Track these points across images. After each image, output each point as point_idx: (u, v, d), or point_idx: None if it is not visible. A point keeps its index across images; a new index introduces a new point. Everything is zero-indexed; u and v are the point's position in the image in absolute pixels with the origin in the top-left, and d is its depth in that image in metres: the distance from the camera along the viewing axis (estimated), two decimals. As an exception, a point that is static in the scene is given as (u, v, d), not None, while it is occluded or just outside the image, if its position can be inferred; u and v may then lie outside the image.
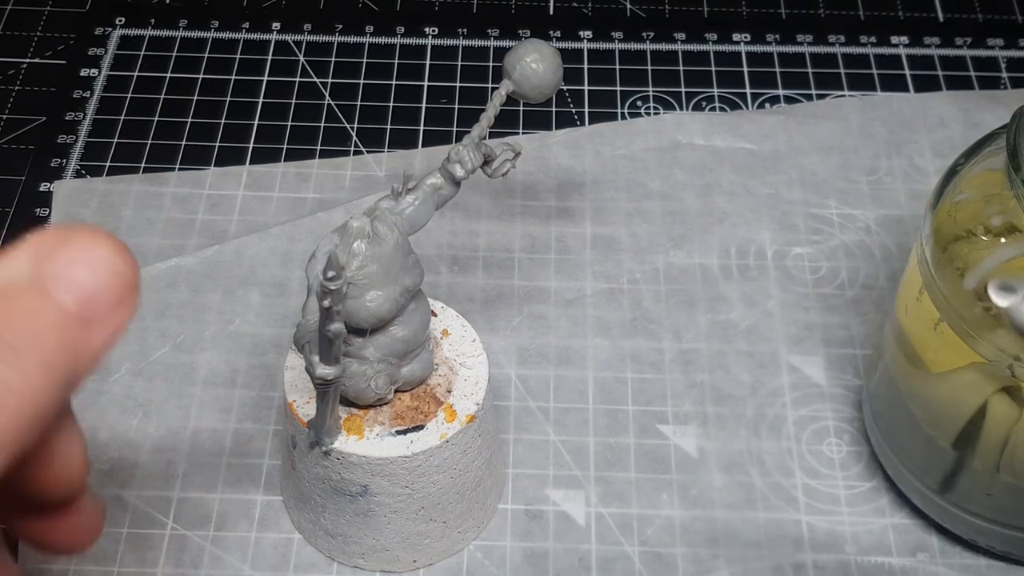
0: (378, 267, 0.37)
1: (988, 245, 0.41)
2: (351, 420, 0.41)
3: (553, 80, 0.40)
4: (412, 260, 0.38)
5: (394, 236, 0.37)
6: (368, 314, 0.37)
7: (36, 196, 0.60)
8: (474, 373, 0.43)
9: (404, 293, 0.38)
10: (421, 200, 0.39)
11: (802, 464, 0.50)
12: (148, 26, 0.68)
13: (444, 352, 0.43)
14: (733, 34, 0.68)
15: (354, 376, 0.39)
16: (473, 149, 0.39)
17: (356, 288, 0.37)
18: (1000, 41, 0.68)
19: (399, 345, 0.39)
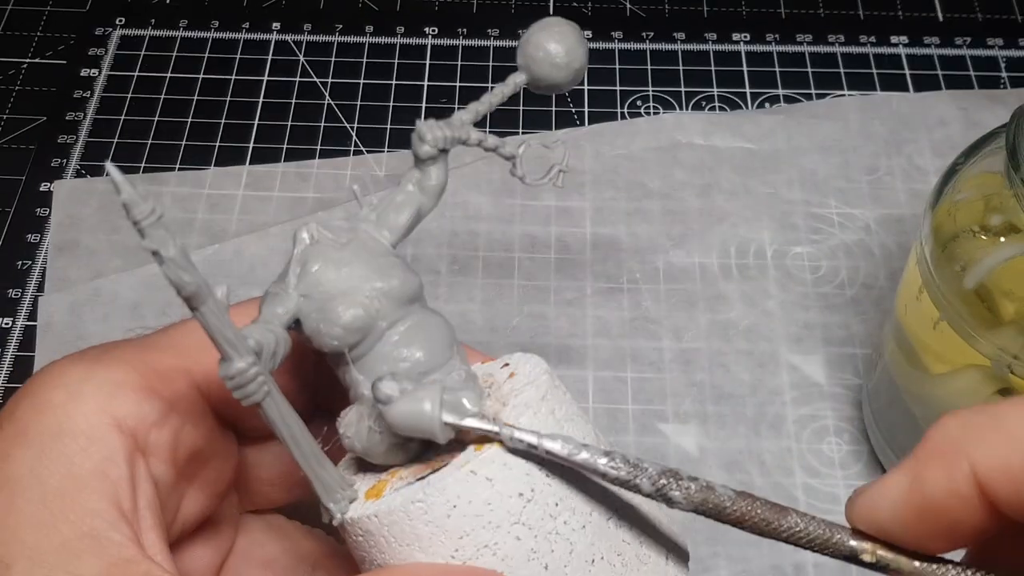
0: (335, 273, 0.30)
1: (988, 244, 0.41)
2: (375, 487, 0.30)
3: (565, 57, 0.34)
4: (388, 263, 0.31)
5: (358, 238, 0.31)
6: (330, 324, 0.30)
7: (36, 196, 0.60)
8: (523, 398, 0.30)
9: (376, 296, 0.30)
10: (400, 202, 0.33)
11: (802, 463, 0.50)
12: (148, 26, 0.68)
13: (503, 392, 0.32)
14: (733, 34, 0.68)
15: (351, 424, 0.30)
16: (443, 124, 0.32)
17: (313, 300, 0.30)
18: (1000, 40, 0.68)
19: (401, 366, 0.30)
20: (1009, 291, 0.41)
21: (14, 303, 0.56)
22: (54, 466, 0.28)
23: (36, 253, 0.57)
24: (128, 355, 0.31)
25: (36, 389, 0.30)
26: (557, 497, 0.29)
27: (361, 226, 0.32)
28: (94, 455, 0.29)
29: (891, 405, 0.48)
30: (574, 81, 0.34)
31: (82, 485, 0.28)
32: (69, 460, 0.28)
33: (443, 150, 0.32)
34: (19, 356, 0.54)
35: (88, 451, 0.29)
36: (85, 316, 0.55)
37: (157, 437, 0.30)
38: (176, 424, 0.31)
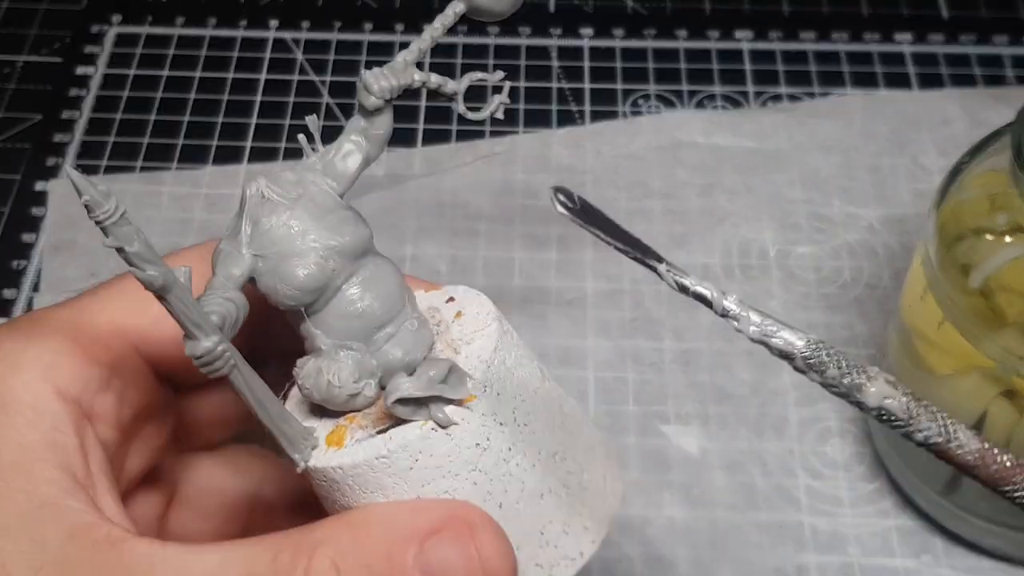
0: (285, 230, 0.30)
1: (993, 244, 0.41)
2: (335, 432, 0.32)
3: None
4: (340, 217, 0.31)
5: (307, 192, 0.31)
6: (285, 284, 0.30)
7: (32, 195, 0.59)
8: (476, 348, 0.32)
9: (330, 255, 0.30)
10: (346, 151, 0.33)
11: (805, 465, 0.50)
12: (145, 24, 0.67)
13: (452, 335, 0.33)
14: (735, 31, 0.68)
15: (310, 375, 0.31)
16: (388, 69, 0.32)
17: (266, 260, 0.30)
18: (1005, 38, 0.67)
19: (354, 323, 0.31)
20: (1015, 291, 0.40)
21: (10, 303, 0.55)
22: (3, 440, 0.29)
23: (32, 253, 0.57)
24: (63, 322, 0.31)
25: None
26: (510, 442, 0.31)
27: (309, 178, 0.31)
28: (41, 426, 0.29)
29: (895, 407, 0.47)
30: (512, 9, 0.34)
31: (34, 456, 0.29)
32: (18, 432, 0.29)
33: (388, 100, 0.33)
34: (14, 357, 0.53)
35: (35, 423, 0.29)
36: (81, 316, 0.54)
37: (101, 402, 0.31)
38: (118, 387, 0.32)
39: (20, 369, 0.30)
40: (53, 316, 0.32)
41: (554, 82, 0.65)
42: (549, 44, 0.67)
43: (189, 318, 0.27)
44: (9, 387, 0.29)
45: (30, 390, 0.30)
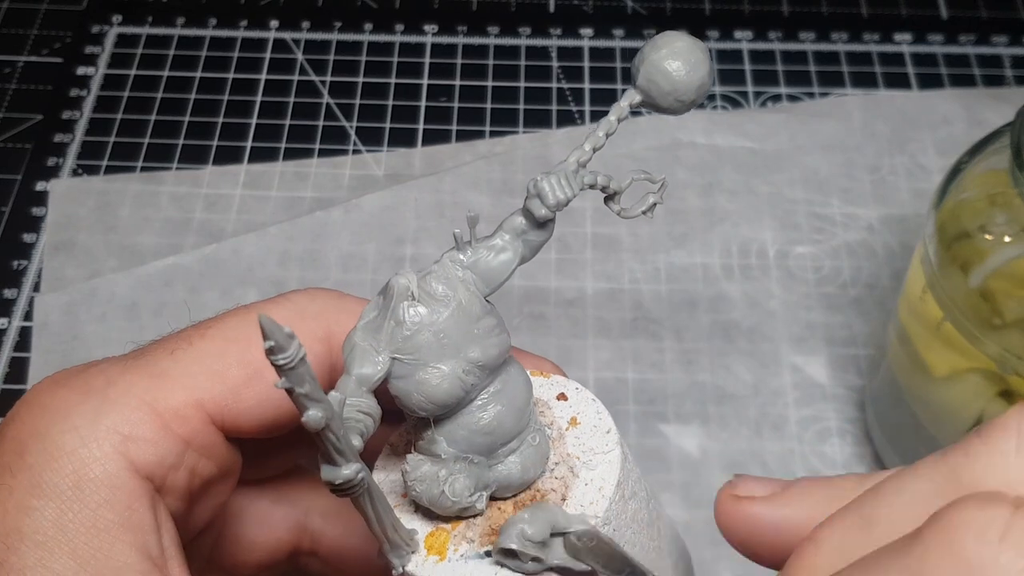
0: (431, 336, 0.28)
1: (992, 244, 0.41)
2: (436, 535, 0.31)
3: (689, 82, 0.30)
4: (486, 327, 0.29)
5: (456, 296, 0.29)
6: (421, 397, 0.28)
7: (32, 195, 0.59)
8: (597, 476, 0.30)
9: (471, 370, 0.29)
10: (499, 248, 0.30)
11: (805, 464, 0.50)
12: (145, 24, 0.67)
13: (567, 447, 0.32)
14: (735, 31, 0.68)
15: (425, 479, 0.29)
16: (564, 177, 0.30)
17: (404, 365, 0.28)
18: (1004, 38, 0.67)
19: (480, 438, 0.30)
20: (1014, 291, 0.40)
21: (10, 303, 0.55)
22: (79, 519, 0.28)
23: (32, 253, 0.57)
24: (137, 390, 0.30)
25: (41, 430, 0.29)
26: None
27: (459, 277, 0.29)
28: (116, 505, 0.28)
29: (894, 407, 0.47)
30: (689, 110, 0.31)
31: (111, 538, 0.28)
32: (93, 512, 0.28)
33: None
34: (15, 357, 0.53)
35: (111, 502, 0.28)
36: (81, 316, 0.54)
37: (174, 477, 0.30)
38: (191, 462, 0.31)
39: (95, 443, 0.28)
40: (128, 380, 0.30)
41: (554, 82, 0.65)
42: (549, 44, 0.67)
43: (336, 448, 0.25)
44: (83, 461, 0.28)
45: (105, 467, 0.28)
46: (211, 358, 0.30)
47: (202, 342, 0.31)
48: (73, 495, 0.28)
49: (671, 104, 0.30)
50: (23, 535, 0.27)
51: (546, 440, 0.31)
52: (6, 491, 0.28)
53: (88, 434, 0.29)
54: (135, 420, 0.29)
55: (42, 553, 0.27)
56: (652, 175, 0.31)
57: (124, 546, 0.28)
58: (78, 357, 0.52)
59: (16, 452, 0.29)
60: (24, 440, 0.29)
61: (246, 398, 0.31)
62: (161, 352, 0.31)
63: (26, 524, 0.27)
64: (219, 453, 0.32)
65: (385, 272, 0.56)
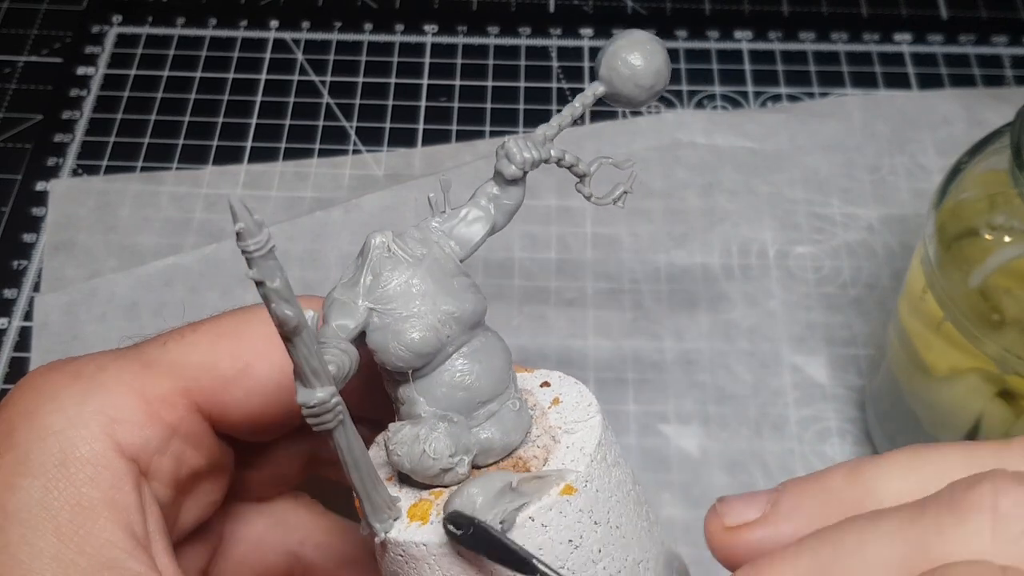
0: (405, 289, 0.29)
1: (992, 243, 0.41)
2: (419, 506, 0.31)
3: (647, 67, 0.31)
4: (460, 284, 0.30)
5: (431, 253, 0.30)
6: (398, 345, 0.29)
7: (32, 195, 0.59)
8: (578, 439, 0.31)
9: (447, 321, 0.29)
10: (474, 215, 0.32)
11: (805, 464, 0.50)
12: (145, 24, 0.67)
13: (550, 421, 0.32)
14: (735, 31, 0.68)
15: (405, 441, 0.30)
16: (531, 141, 0.31)
17: (381, 316, 0.29)
18: (1004, 38, 0.67)
19: (458, 394, 0.30)
20: (1014, 291, 0.40)
21: (10, 303, 0.55)
22: (63, 497, 0.28)
23: (32, 253, 0.57)
24: (126, 376, 0.30)
25: (30, 410, 0.29)
26: (600, 543, 0.30)
27: (434, 238, 0.31)
28: (101, 483, 0.28)
29: (894, 407, 0.47)
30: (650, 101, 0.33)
31: (94, 515, 0.28)
32: (77, 490, 0.28)
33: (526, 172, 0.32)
34: (15, 357, 0.53)
35: (95, 480, 0.28)
36: (81, 316, 0.54)
37: (159, 463, 0.30)
38: (177, 449, 0.31)
39: (81, 423, 0.29)
40: (117, 367, 0.31)
41: (554, 82, 0.65)
42: (549, 44, 0.67)
43: (310, 364, 0.25)
44: (69, 441, 0.29)
45: (91, 446, 0.29)
46: (201, 351, 0.31)
47: (193, 335, 0.31)
48: (58, 473, 0.28)
49: (632, 90, 0.32)
50: (7, 513, 0.27)
51: (527, 410, 0.32)
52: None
53: (75, 414, 0.29)
54: (122, 404, 0.30)
55: (25, 530, 0.27)
56: (620, 162, 0.32)
57: (107, 523, 0.28)
58: (78, 357, 0.52)
59: (5, 432, 0.29)
60: (13, 421, 0.29)
61: (234, 391, 0.31)
62: (154, 344, 0.32)
63: (11, 502, 0.28)
64: (207, 445, 0.32)
65: (385, 272, 0.56)
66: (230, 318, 0.32)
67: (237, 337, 0.31)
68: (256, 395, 0.31)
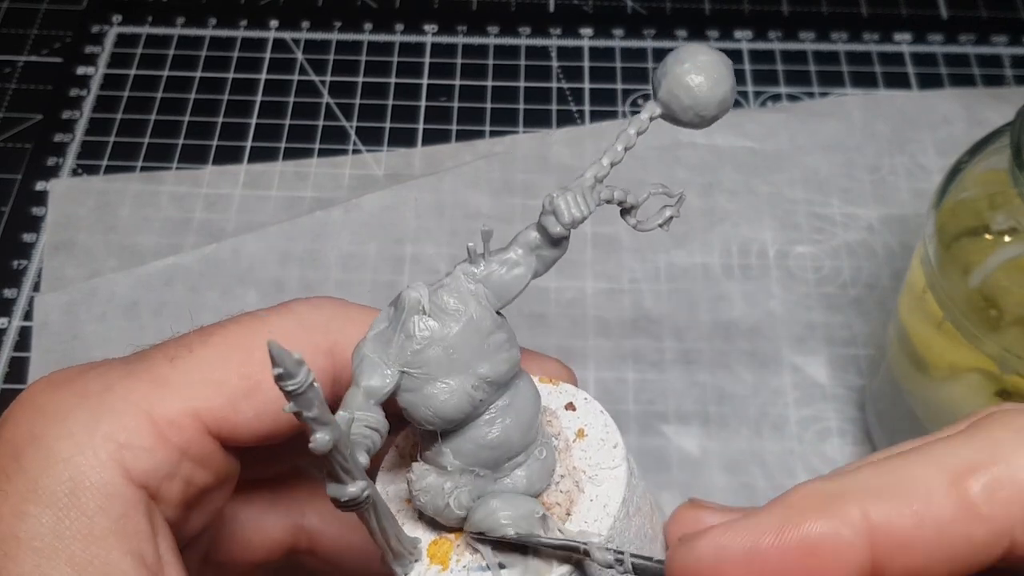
0: (441, 351, 0.28)
1: (992, 243, 0.41)
2: (439, 544, 0.30)
3: (710, 97, 0.29)
4: (496, 342, 0.29)
5: (468, 311, 0.29)
6: (429, 412, 0.28)
7: (32, 195, 0.59)
8: (602, 492, 0.30)
9: (480, 385, 0.29)
10: (513, 262, 0.30)
11: (805, 464, 0.50)
12: (145, 24, 0.67)
13: (573, 460, 0.31)
14: (735, 31, 0.68)
15: (430, 490, 0.29)
16: (581, 194, 0.29)
17: (413, 379, 0.28)
18: (1004, 38, 0.67)
19: (486, 452, 0.30)
20: (1014, 291, 0.40)
21: (10, 303, 0.55)
22: (75, 527, 0.28)
23: (32, 253, 0.57)
24: (135, 396, 0.30)
25: (37, 433, 0.29)
26: None
27: (471, 291, 0.29)
28: (112, 512, 0.28)
29: (894, 406, 0.47)
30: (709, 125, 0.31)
31: (107, 546, 0.28)
32: (89, 520, 0.28)
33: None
34: (15, 356, 0.53)
35: (106, 509, 0.28)
36: (81, 316, 0.54)
37: (168, 487, 0.30)
38: (187, 471, 0.30)
39: (91, 450, 0.28)
40: (126, 386, 0.30)
41: (554, 82, 0.65)
42: (549, 44, 0.67)
43: (343, 467, 0.25)
44: (79, 469, 0.28)
45: (101, 474, 0.28)
46: (210, 368, 0.30)
47: (203, 350, 0.31)
48: (69, 502, 0.28)
49: (691, 119, 0.30)
50: (20, 541, 0.27)
51: (553, 453, 0.31)
52: (1, 496, 0.28)
53: (84, 441, 0.29)
54: (131, 428, 0.29)
55: (39, 560, 0.27)
56: (670, 189, 0.30)
57: (120, 554, 0.28)
58: (78, 357, 0.52)
59: (11, 456, 0.29)
60: (19, 444, 0.29)
61: (244, 410, 0.30)
62: (161, 358, 0.31)
63: (23, 530, 0.27)
64: (215, 462, 0.31)
65: (385, 272, 0.56)
66: (239, 331, 0.31)
67: (247, 352, 0.31)
68: (266, 412, 0.31)
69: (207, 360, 0.31)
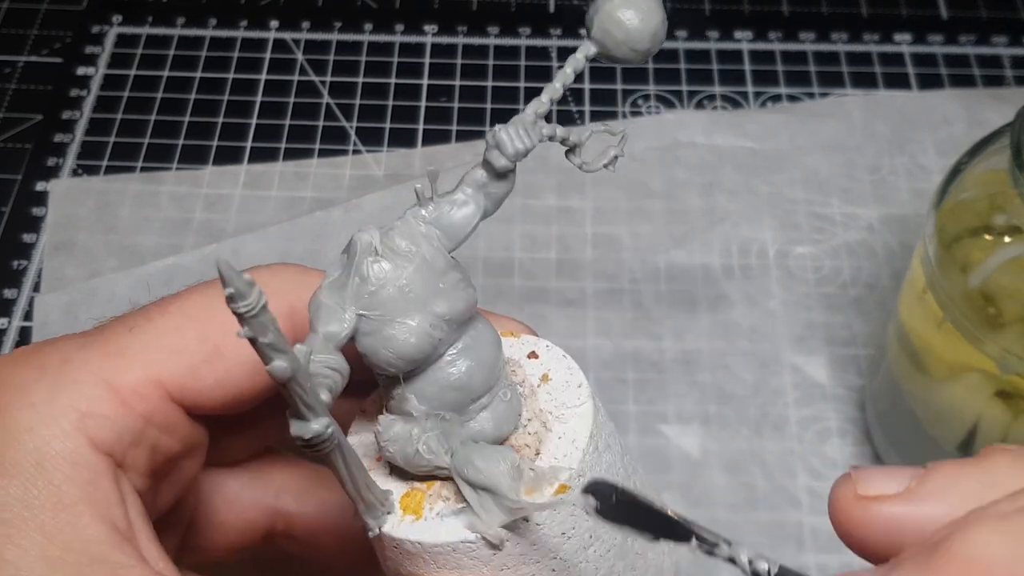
0: (396, 291, 0.28)
1: (992, 243, 0.41)
2: (411, 496, 0.30)
3: (643, 29, 0.29)
4: (452, 281, 0.29)
5: (420, 251, 0.29)
6: (389, 353, 0.28)
7: (32, 195, 0.59)
8: (569, 429, 0.31)
9: (438, 324, 0.28)
10: (461, 202, 0.30)
11: (805, 464, 0.50)
12: (145, 24, 0.67)
13: (539, 403, 0.32)
14: (735, 32, 0.68)
15: (398, 439, 0.29)
16: (521, 128, 0.30)
17: (370, 322, 0.28)
18: (1004, 38, 0.67)
19: (450, 394, 0.29)
20: (1014, 291, 0.40)
21: (10, 303, 0.55)
22: (43, 496, 0.28)
23: (32, 253, 0.57)
24: (94, 366, 0.30)
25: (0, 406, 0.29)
26: (591, 530, 0.30)
27: (422, 232, 0.29)
28: (79, 480, 0.28)
29: (894, 406, 0.47)
30: (643, 61, 0.31)
31: (76, 513, 0.28)
32: (57, 489, 0.28)
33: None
34: (14, 357, 0.53)
35: (73, 477, 0.28)
36: (81, 316, 0.54)
37: (134, 454, 0.30)
38: (152, 438, 0.31)
39: (53, 420, 0.29)
40: (85, 358, 0.30)
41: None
42: (549, 44, 0.67)
43: (304, 402, 0.25)
44: (43, 439, 0.28)
45: (65, 443, 0.28)
46: (170, 335, 0.30)
47: (161, 319, 0.31)
48: (36, 472, 0.28)
49: (626, 54, 0.30)
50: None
51: (518, 396, 0.31)
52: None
53: (46, 411, 0.29)
54: (92, 397, 0.29)
55: (10, 530, 0.27)
56: (611, 128, 0.30)
57: (90, 520, 0.28)
58: (78, 357, 0.52)
59: None
60: None
61: (205, 376, 0.30)
62: (120, 328, 0.31)
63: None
64: (181, 430, 0.31)
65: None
66: (196, 297, 0.31)
67: (206, 318, 0.31)
68: (228, 377, 0.31)
69: (165, 328, 0.31)
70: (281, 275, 0.32)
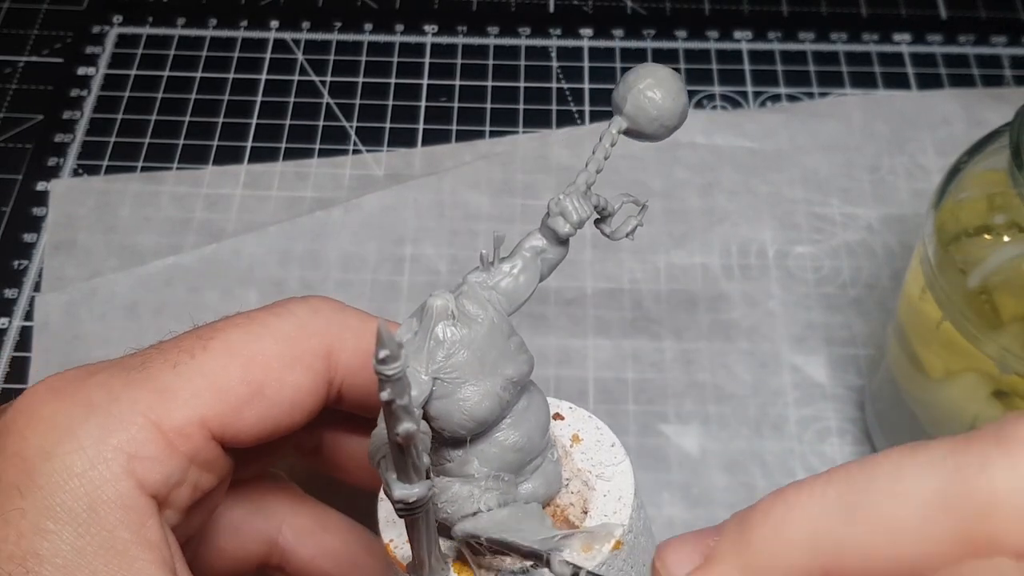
0: (470, 355, 0.29)
1: (991, 243, 0.41)
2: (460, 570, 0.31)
3: (674, 108, 0.32)
4: (515, 344, 0.30)
5: (488, 315, 0.29)
6: (464, 416, 0.29)
7: (33, 195, 0.59)
8: (615, 486, 0.32)
9: (507, 387, 0.29)
10: (521, 268, 0.31)
11: (804, 464, 0.50)
12: (146, 24, 0.68)
13: (575, 463, 0.33)
14: (734, 32, 0.68)
15: (457, 500, 0.30)
16: (579, 198, 0.31)
17: (444, 385, 0.28)
18: (1003, 39, 0.67)
19: (511, 455, 0.30)
20: (1013, 291, 0.40)
21: (10, 303, 0.55)
22: (96, 541, 0.28)
23: (32, 253, 0.57)
24: (142, 406, 0.30)
25: (47, 449, 0.29)
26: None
27: (487, 298, 0.30)
28: (130, 524, 0.28)
29: (893, 406, 0.47)
30: (667, 136, 0.33)
31: (130, 558, 0.28)
32: (110, 534, 0.28)
33: None
34: (16, 356, 0.53)
35: (125, 521, 0.28)
36: (82, 316, 0.54)
37: (176, 493, 0.30)
38: (194, 478, 0.31)
39: (103, 464, 0.29)
40: (131, 397, 0.30)
41: (554, 82, 0.65)
42: (549, 44, 0.67)
43: (415, 465, 0.25)
44: (94, 484, 0.28)
45: (115, 487, 0.29)
46: (214, 374, 0.31)
47: (204, 355, 0.31)
48: (88, 518, 0.28)
49: (656, 130, 0.32)
50: (42, 559, 0.27)
51: (560, 456, 0.32)
52: (19, 513, 0.28)
53: (96, 455, 0.29)
54: (140, 439, 0.29)
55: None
56: (636, 198, 0.32)
57: (144, 564, 0.28)
58: (78, 357, 0.52)
59: (24, 471, 0.29)
60: (30, 459, 0.29)
61: (247, 415, 0.31)
62: (164, 365, 0.31)
63: (44, 547, 0.28)
64: (219, 467, 0.32)
65: (385, 272, 0.56)
66: (240, 334, 0.32)
67: (248, 356, 0.31)
68: (268, 415, 0.31)
69: (210, 366, 0.31)
70: (320, 314, 0.33)
